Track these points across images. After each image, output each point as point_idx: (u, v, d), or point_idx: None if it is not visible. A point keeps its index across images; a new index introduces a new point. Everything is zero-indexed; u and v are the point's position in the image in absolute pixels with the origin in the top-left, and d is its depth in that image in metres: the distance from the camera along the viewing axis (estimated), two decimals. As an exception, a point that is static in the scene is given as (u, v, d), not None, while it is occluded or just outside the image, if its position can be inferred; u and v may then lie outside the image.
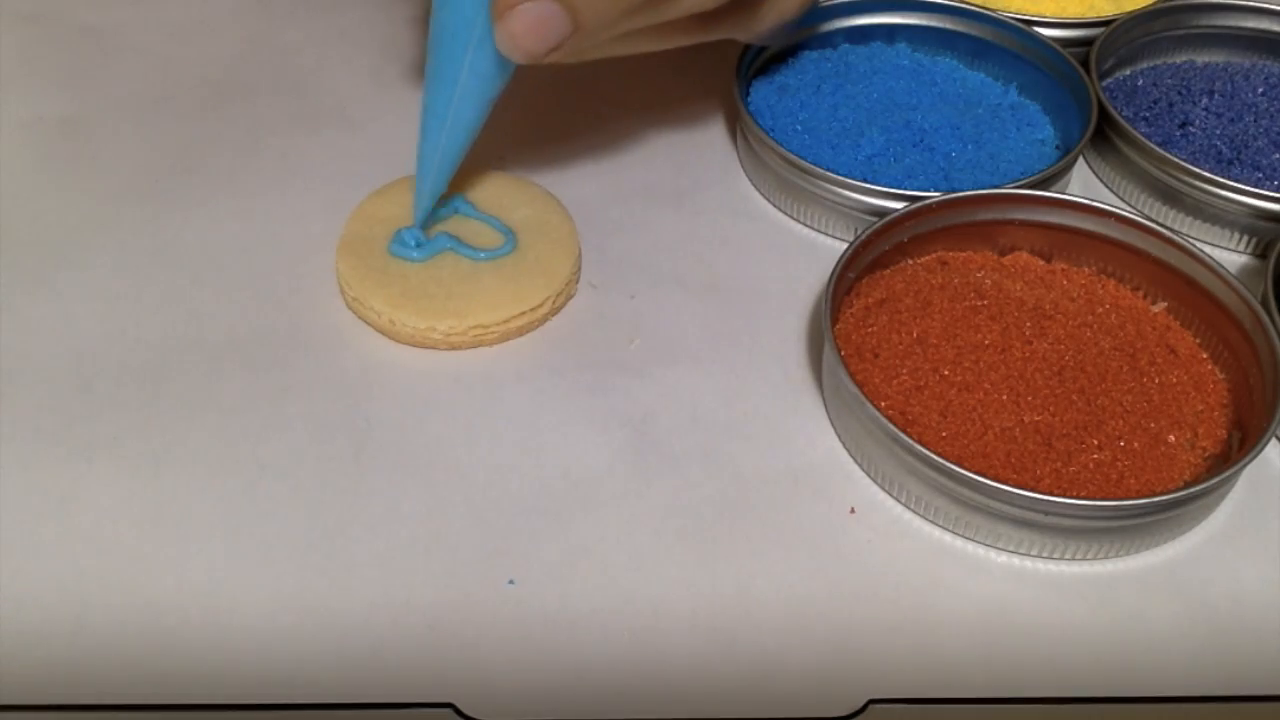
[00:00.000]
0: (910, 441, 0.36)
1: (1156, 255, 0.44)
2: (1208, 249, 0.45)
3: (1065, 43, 0.54)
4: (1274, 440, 0.41)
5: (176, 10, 0.60)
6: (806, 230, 0.49)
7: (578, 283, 0.46)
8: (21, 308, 0.44)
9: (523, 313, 0.43)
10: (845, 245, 0.43)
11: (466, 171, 0.48)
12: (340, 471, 0.39)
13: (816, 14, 0.55)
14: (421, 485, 0.39)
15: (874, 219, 0.44)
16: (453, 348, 0.43)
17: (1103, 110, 0.50)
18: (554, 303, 0.44)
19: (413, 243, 0.44)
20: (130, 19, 0.59)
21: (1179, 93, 0.53)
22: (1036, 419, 0.39)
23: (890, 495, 0.39)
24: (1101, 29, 0.53)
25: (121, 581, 0.36)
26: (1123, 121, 0.49)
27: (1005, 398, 0.40)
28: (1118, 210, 0.44)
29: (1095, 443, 0.39)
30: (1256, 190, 0.47)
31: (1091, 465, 0.38)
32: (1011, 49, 0.54)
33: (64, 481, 0.38)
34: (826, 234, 0.49)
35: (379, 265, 0.44)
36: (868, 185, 0.46)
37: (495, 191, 0.48)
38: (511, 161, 0.51)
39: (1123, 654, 0.35)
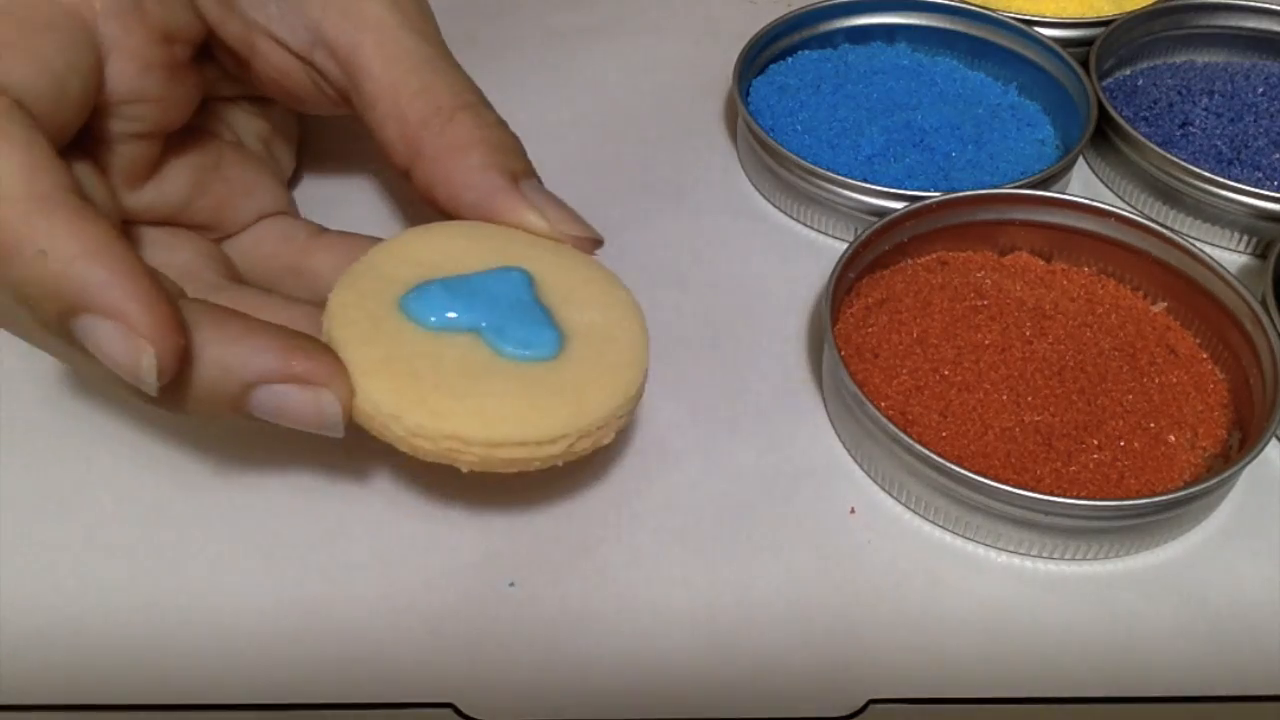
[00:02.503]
0: (910, 441, 0.36)
1: (1156, 255, 0.44)
2: (1208, 249, 0.45)
3: (1065, 43, 0.54)
4: (1274, 440, 0.41)
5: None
6: (806, 230, 0.49)
7: (616, 429, 0.34)
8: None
9: (524, 443, 0.32)
10: (845, 245, 0.43)
11: (544, 241, 0.37)
12: (340, 471, 0.39)
13: (816, 14, 0.55)
14: (421, 485, 0.39)
15: (874, 219, 0.44)
16: (414, 452, 0.32)
17: (1103, 110, 0.50)
18: (572, 445, 0.32)
19: (435, 305, 0.33)
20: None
21: (1179, 93, 0.53)
22: (1036, 419, 0.39)
23: (890, 495, 0.39)
24: (1101, 29, 0.53)
25: (121, 581, 0.36)
26: (1123, 121, 0.49)
27: (1005, 398, 0.40)
28: (1118, 210, 0.44)
29: (1095, 443, 0.39)
30: (1256, 190, 0.47)
31: (1091, 465, 0.38)
32: (1011, 49, 0.54)
33: (64, 481, 0.38)
34: (826, 234, 0.49)
35: (376, 313, 0.33)
36: (868, 185, 0.46)
37: (567, 276, 0.36)
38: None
39: (1123, 654, 0.35)
